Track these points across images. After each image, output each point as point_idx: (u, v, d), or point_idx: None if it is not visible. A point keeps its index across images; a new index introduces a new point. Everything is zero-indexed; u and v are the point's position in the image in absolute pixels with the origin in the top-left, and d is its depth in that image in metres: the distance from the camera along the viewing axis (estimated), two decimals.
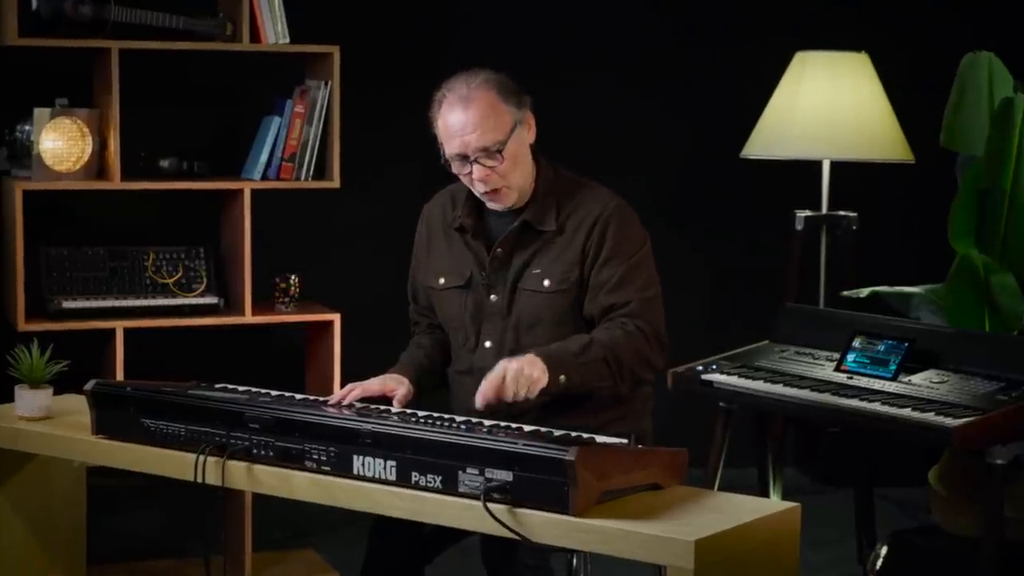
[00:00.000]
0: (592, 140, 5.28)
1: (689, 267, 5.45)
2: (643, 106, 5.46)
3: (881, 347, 3.62)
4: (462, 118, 3.06)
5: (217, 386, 3.14)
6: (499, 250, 3.16)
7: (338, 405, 3.04)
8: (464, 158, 3.09)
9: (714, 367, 3.80)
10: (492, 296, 3.18)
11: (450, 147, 3.10)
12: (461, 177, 3.15)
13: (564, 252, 3.12)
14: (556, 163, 3.25)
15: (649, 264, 3.17)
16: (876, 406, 3.43)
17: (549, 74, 5.06)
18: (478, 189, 3.14)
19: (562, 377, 2.98)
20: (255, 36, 4.48)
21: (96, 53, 4.43)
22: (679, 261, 5.13)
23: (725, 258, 5.61)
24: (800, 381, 3.64)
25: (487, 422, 2.86)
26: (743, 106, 4.98)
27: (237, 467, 2.82)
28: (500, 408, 3.05)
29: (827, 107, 4.67)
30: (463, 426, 2.76)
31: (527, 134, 3.15)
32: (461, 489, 2.55)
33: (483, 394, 2.92)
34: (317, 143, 4.56)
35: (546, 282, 3.12)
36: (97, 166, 4.45)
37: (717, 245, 5.59)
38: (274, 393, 3.10)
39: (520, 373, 2.92)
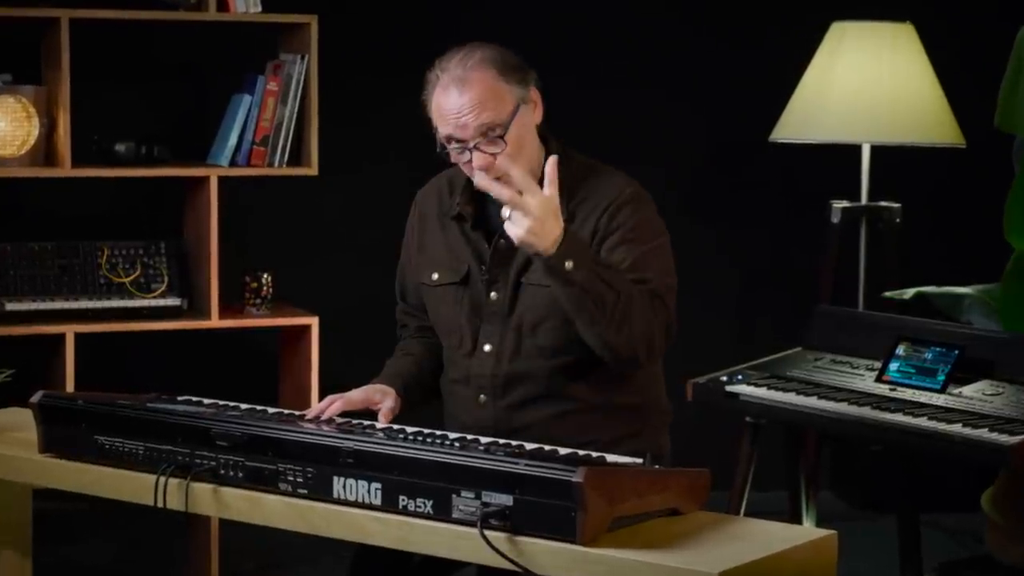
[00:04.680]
0: (602, 125, 5.27)
1: (712, 265, 5.45)
2: (659, 86, 5.45)
3: (928, 355, 3.62)
4: (458, 101, 3.06)
5: (180, 399, 3.13)
6: (502, 241, 3.16)
7: (316, 420, 3.04)
8: (462, 144, 3.08)
9: (740, 377, 3.80)
10: (492, 293, 3.18)
11: (446, 132, 3.09)
12: (460, 166, 3.15)
13: None
14: (568, 146, 3.24)
15: (667, 256, 3.16)
16: (922, 421, 3.43)
17: (554, 53, 5.05)
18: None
19: (569, 263, 2.91)
20: (223, 4, 4.48)
21: (43, 23, 4.43)
22: (701, 259, 5.13)
23: (752, 255, 5.61)
24: (837, 393, 3.64)
25: (484, 440, 2.86)
26: (772, 84, 4.98)
27: (202, 490, 2.82)
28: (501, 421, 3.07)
29: (867, 84, 4.67)
30: (457, 444, 2.76)
31: (532, 114, 3.14)
32: (455, 515, 2.55)
33: (486, 184, 2.89)
34: (292, 125, 4.56)
35: None
36: (45, 151, 4.45)
37: (743, 240, 5.59)
38: (244, 407, 3.10)
39: (531, 215, 2.84)
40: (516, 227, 2.87)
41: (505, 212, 2.88)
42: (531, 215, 2.85)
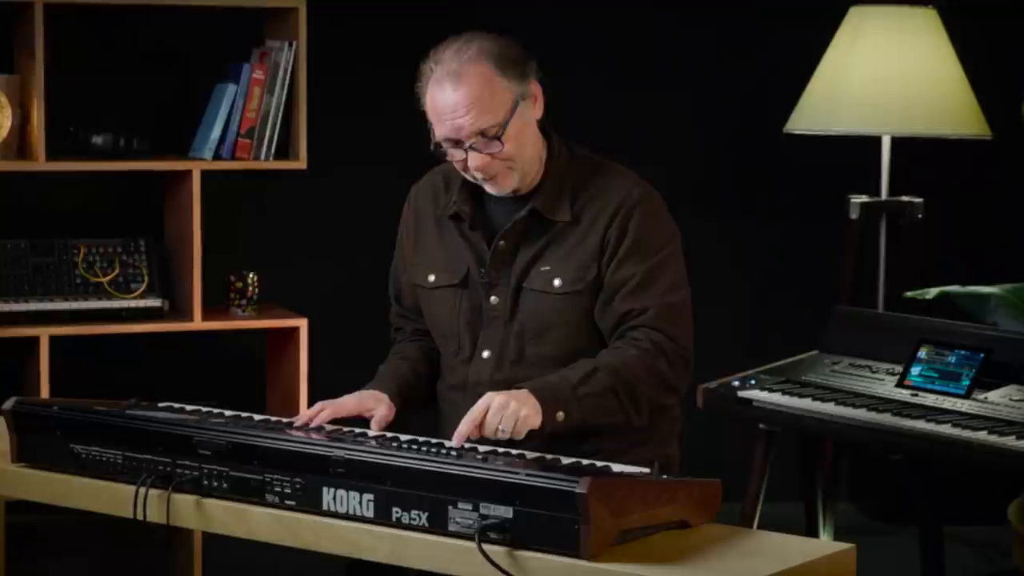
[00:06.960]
0: (606, 117, 5.27)
1: (723, 264, 5.45)
2: (666, 76, 5.45)
3: (951, 358, 3.62)
4: (453, 98, 3.06)
5: (160, 405, 3.14)
6: (502, 243, 3.16)
7: (305, 428, 3.04)
8: (457, 144, 3.08)
9: (753, 382, 3.80)
10: (492, 298, 3.18)
11: (441, 131, 3.09)
12: (455, 164, 3.14)
13: (579, 246, 3.12)
14: (571, 141, 3.24)
15: (677, 263, 3.17)
16: (946, 428, 3.43)
17: (556, 42, 5.06)
18: (475, 177, 3.13)
19: (560, 414, 3.00)
20: None
21: (17, 9, 4.42)
22: (711, 257, 5.13)
23: (766, 253, 5.61)
24: (855, 399, 3.64)
25: (483, 448, 2.86)
26: (787, 72, 4.97)
27: (184, 501, 2.82)
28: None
29: (887, 73, 4.67)
30: (454, 452, 2.76)
31: (533, 109, 3.14)
32: (451, 527, 2.56)
33: (459, 435, 2.92)
34: (280, 116, 4.56)
35: (557, 281, 3.12)
36: (18, 143, 4.45)
37: (756, 237, 5.59)
38: (228, 413, 3.10)
39: (505, 407, 2.92)
40: (515, 429, 2.94)
41: (501, 428, 2.92)
42: (512, 410, 2.92)
